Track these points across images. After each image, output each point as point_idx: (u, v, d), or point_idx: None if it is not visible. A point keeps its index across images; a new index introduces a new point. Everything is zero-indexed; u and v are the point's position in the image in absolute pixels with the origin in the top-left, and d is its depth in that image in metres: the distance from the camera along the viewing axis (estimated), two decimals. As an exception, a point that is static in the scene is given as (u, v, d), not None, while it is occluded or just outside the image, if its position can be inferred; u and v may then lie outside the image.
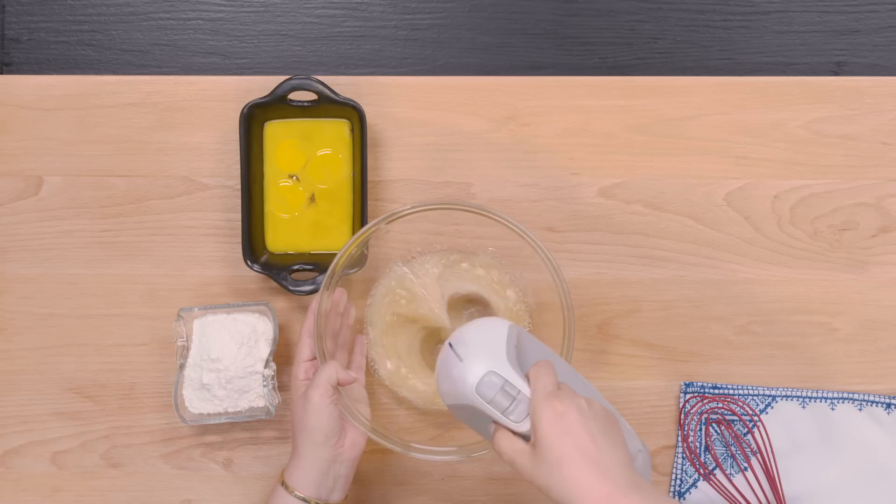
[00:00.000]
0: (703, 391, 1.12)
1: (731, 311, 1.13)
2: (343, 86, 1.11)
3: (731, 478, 1.11)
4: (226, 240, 1.14)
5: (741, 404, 1.12)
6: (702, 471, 1.11)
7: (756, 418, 1.11)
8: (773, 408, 1.12)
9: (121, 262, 1.14)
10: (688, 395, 1.12)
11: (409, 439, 1.01)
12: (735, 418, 1.12)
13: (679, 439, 1.12)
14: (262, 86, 1.11)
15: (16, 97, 1.15)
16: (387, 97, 1.14)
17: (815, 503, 1.10)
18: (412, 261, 1.11)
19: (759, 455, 1.11)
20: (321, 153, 1.12)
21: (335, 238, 1.12)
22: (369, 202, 1.12)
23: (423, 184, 1.14)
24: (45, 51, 1.19)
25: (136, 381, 1.13)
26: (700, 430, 1.12)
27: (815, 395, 1.12)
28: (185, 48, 1.19)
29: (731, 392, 1.12)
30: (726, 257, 1.13)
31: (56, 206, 1.14)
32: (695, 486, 1.12)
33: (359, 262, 1.07)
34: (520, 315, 1.10)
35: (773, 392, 1.12)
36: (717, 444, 1.11)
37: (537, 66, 1.19)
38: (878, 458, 1.11)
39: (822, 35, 1.19)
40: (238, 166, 1.11)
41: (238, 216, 1.12)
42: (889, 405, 1.11)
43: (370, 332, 1.11)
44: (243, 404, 1.08)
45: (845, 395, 1.11)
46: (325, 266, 1.02)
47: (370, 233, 1.03)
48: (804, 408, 1.12)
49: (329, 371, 0.98)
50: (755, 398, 1.12)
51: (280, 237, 1.12)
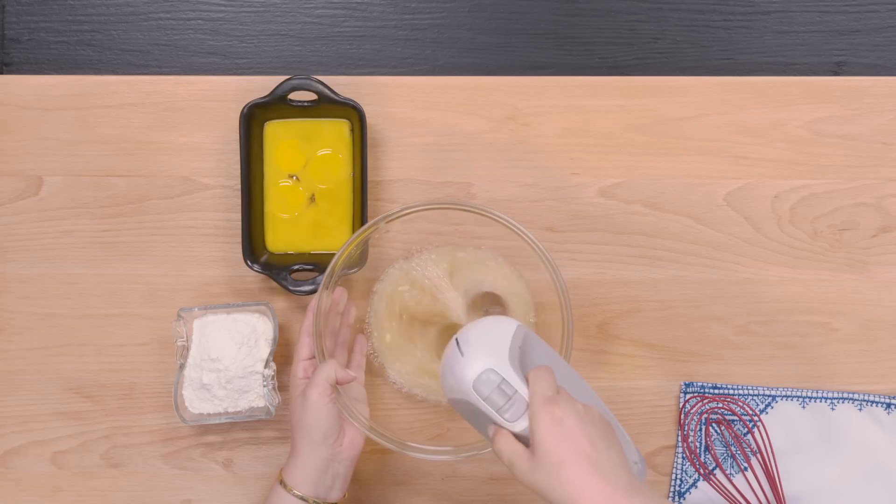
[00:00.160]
0: (703, 391, 1.12)
1: (731, 311, 1.13)
2: (343, 86, 1.11)
3: (731, 478, 1.11)
4: (226, 240, 1.14)
5: (741, 404, 1.11)
6: (702, 471, 1.11)
7: (756, 418, 1.11)
8: (773, 408, 1.12)
9: (121, 262, 1.14)
10: (688, 395, 1.12)
11: (409, 439, 1.01)
12: (735, 418, 1.11)
13: (679, 439, 1.12)
14: (262, 86, 1.11)
15: (16, 97, 1.15)
16: (387, 97, 1.14)
17: (815, 503, 1.10)
18: (414, 257, 1.11)
19: (759, 455, 1.11)
20: (321, 153, 1.12)
21: (335, 238, 1.12)
22: (369, 202, 1.12)
23: (423, 184, 1.14)
24: (45, 51, 1.19)
25: (136, 381, 1.13)
26: (700, 430, 1.11)
27: (815, 395, 1.12)
28: (185, 48, 1.19)
29: (731, 392, 1.12)
30: (726, 257, 1.13)
31: (56, 206, 1.14)
32: (695, 486, 1.12)
33: (359, 262, 1.07)
34: (528, 308, 1.10)
35: (773, 392, 1.12)
36: (717, 444, 1.11)
37: (537, 66, 1.19)
38: (878, 458, 1.10)
39: (822, 35, 1.18)
40: (238, 166, 1.11)
41: (238, 216, 1.12)
42: (889, 405, 1.11)
43: (374, 333, 1.11)
44: (243, 404, 1.08)
45: (845, 395, 1.11)
46: (325, 266, 1.02)
47: (369, 232, 1.03)
48: (804, 408, 1.12)
49: (327, 370, 0.98)
50: (755, 398, 1.12)
51: (280, 237, 1.12)
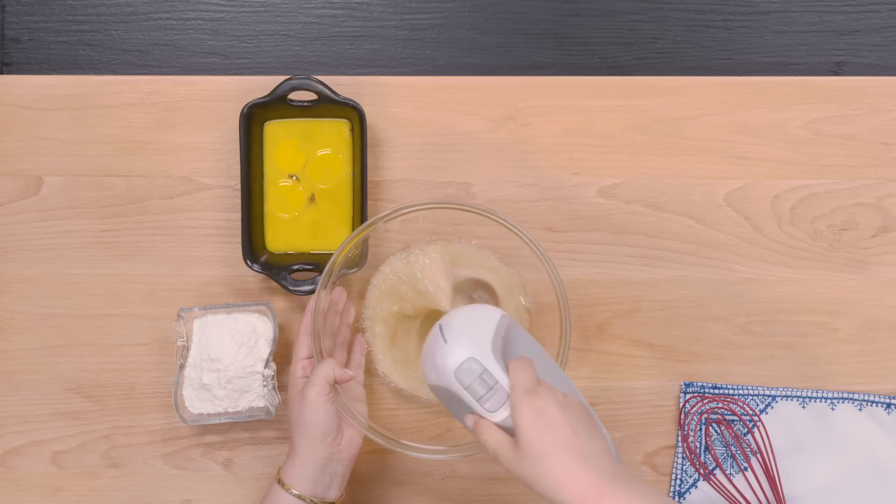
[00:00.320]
0: (703, 391, 1.12)
1: (731, 311, 1.13)
2: (343, 86, 1.11)
3: (731, 478, 1.11)
4: (226, 240, 1.14)
5: (741, 404, 1.11)
6: (702, 471, 1.11)
7: (756, 418, 1.11)
8: (773, 408, 1.12)
9: (121, 262, 1.14)
10: (688, 395, 1.12)
11: (408, 439, 1.01)
12: (735, 418, 1.11)
13: (679, 439, 1.12)
14: (262, 86, 1.11)
15: (16, 97, 1.15)
16: (387, 97, 1.14)
17: (815, 503, 1.10)
18: (409, 249, 1.11)
19: (759, 455, 1.11)
20: (321, 153, 1.12)
21: (335, 238, 1.12)
22: (369, 202, 1.12)
23: (423, 184, 1.14)
24: (45, 51, 1.19)
25: (136, 381, 1.13)
26: (700, 430, 1.11)
27: (815, 395, 1.12)
28: (185, 48, 1.19)
29: (731, 392, 1.12)
30: (726, 257, 1.13)
31: (56, 206, 1.14)
32: (695, 486, 1.12)
33: (358, 262, 1.07)
34: (519, 305, 1.09)
35: (773, 392, 1.12)
36: (717, 444, 1.11)
37: (537, 66, 1.19)
38: (878, 458, 1.10)
39: (822, 35, 1.18)
40: (238, 166, 1.11)
41: (238, 216, 1.12)
42: (889, 405, 1.11)
43: (367, 325, 1.11)
44: (243, 404, 1.08)
45: (845, 395, 1.11)
46: (324, 266, 1.02)
47: (368, 232, 1.03)
48: (804, 408, 1.12)
49: (326, 369, 0.98)
50: (755, 398, 1.12)
51: (280, 237, 1.12)
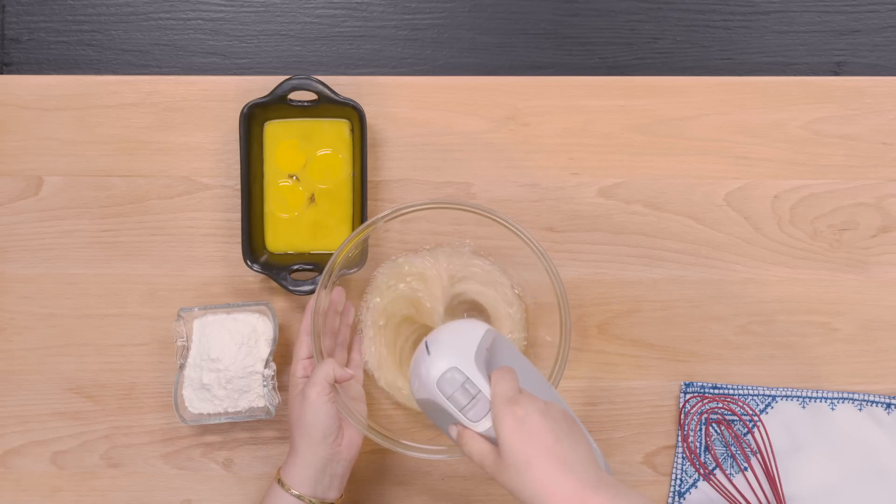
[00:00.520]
0: (703, 391, 1.12)
1: (731, 311, 1.13)
2: (343, 86, 1.11)
3: (731, 478, 1.11)
4: (226, 240, 1.14)
5: (741, 404, 1.11)
6: (702, 471, 1.11)
7: (756, 418, 1.11)
8: (773, 408, 1.12)
9: (121, 262, 1.14)
10: (688, 395, 1.12)
11: (408, 439, 1.01)
12: (735, 418, 1.11)
13: (679, 439, 1.12)
14: (262, 86, 1.11)
15: (16, 97, 1.15)
16: (387, 97, 1.14)
17: (814, 503, 1.10)
18: (419, 253, 1.11)
19: (759, 455, 1.11)
20: (321, 153, 1.12)
21: (335, 238, 1.12)
22: (369, 202, 1.12)
23: (423, 184, 1.14)
24: (45, 51, 1.19)
25: (136, 381, 1.13)
26: (700, 430, 1.11)
27: (815, 395, 1.12)
28: (185, 48, 1.19)
29: (731, 392, 1.12)
30: (726, 257, 1.13)
31: (56, 206, 1.14)
32: (695, 486, 1.12)
33: (358, 262, 1.07)
34: (517, 328, 1.10)
35: (773, 392, 1.12)
36: (717, 444, 1.11)
37: (537, 66, 1.18)
38: (878, 458, 1.10)
39: (822, 35, 1.18)
40: (238, 166, 1.11)
41: (238, 216, 1.12)
42: (889, 405, 1.11)
43: (364, 329, 1.11)
44: (243, 404, 1.08)
45: (845, 395, 1.11)
46: (324, 266, 1.02)
47: (367, 232, 1.03)
48: (804, 408, 1.12)
49: (326, 368, 0.98)
50: (755, 398, 1.12)
51: (280, 237, 1.12)
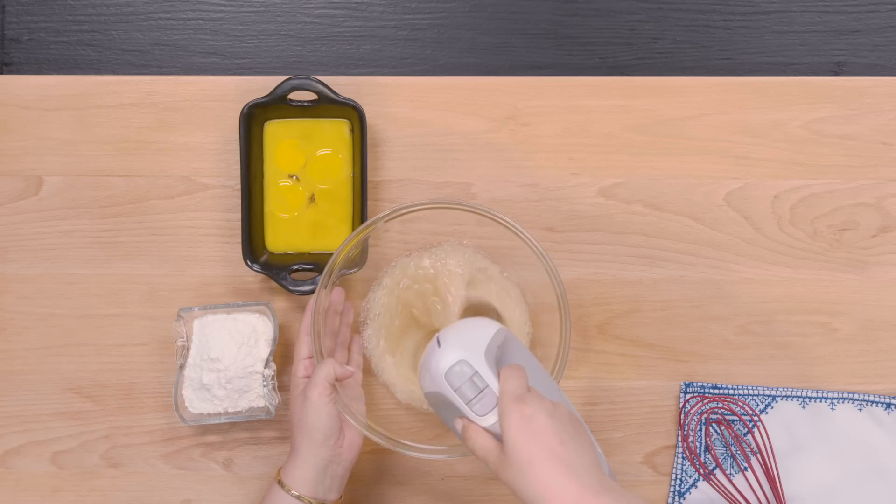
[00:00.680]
0: (703, 391, 1.12)
1: (731, 311, 1.13)
2: (343, 86, 1.11)
3: (731, 478, 1.11)
4: (226, 240, 1.14)
5: (741, 404, 1.11)
6: (702, 471, 1.11)
7: (756, 418, 1.11)
8: (773, 408, 1.12)
9: (121, 262, 1.14)
10: (688, 395, 1.12)
11: (408, 439, 1.01)
12: (735, 418, 1.11)
13: (679, 439, 1.12)
14: (262, 86, 1.11)
15: (16, 97, 1.15)
16: (387, 97, 1.14)
17: (814, 503, 1.10)
18: (415, 255, 1.10)
19: (759, 455, 1.11)
20: (321, 153, 1.12)
21: (335, 238, 1.12)
22: (369, 202, 1.12)
23: (423, 184, 1.14)
24: (45, 51, 1.19)
25: (136, 381, 1.13)
26: (700, 430, 1.11)
27: (815, 395, 1.12)
28: (185, 48, 1.19)
29: (731, 392, 1.12)
30: (726, 257, 1.13)
31: (56, 206, 1.14)
32: (695, 486, 1.12)
33: (358, 262, 1.07)
34: (522, 329, 1.10)
35: (773, 392, 1.12)
36: (717, 444, 1.11)
37: (537, 66, 1.18)
38: (878, 458, 1.10)
39: (822, 35, 1.18)
40: (238, 166, 1.11)
41: (238, 216, 1.12)
42: (889, 405, 1.11)
43: (370, 333, 1.10)
44: (243, 404, 1.08)
45: (845, 395, 1.11)
46: (324, 266, 1.02)
47: (367, 232, 1.03)
48: (804, 408, 1.12)
49: (326, 368, 0.98)
50: (755, 398, 1.12)
51: (280, 237, 1.12)
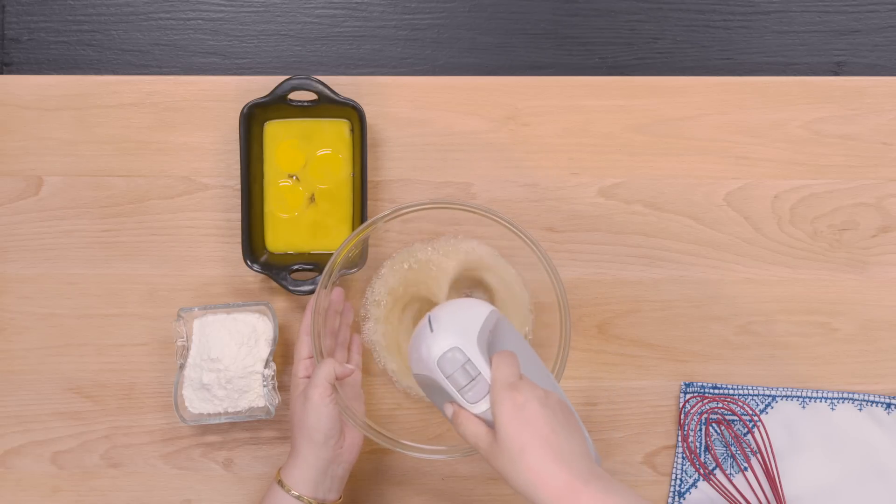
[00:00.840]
0: (703, 391, 1.12)
1: (731, 311, 1.13)
2: (343, 86, 1.11)
3: (731, 478, 1.11)
4: (226, 240, 1.14)
5: (741, 404, 1.11)
6: (702, 471, 1.11)
7: (756, 418, 1.11)
8: (773, 408, 1.12)
9: (121, 262, 1.14)
10: (688, 395, 1.12)
11: (408, 439, 1.01)
12: (735, 418, 1.11)
13: (679, 439, 1.12)
14: (262, 86, 1.11)
15: (16, 97, 1.15)
16: (387, 97, 1.14)
17: (814, 503, 1.10)
18: (439, 238, 1.11)
19: (759, 455, 1.11)
20: (321, 153, 1.12)
21: (335, 238, 1.12)
22: (369, 202, 1.12)
23: (423, 184, 1.14)
24: (45, 51, 1.19)
25: (136, 381, 1.13)
26: (700, 430, 1.11)
27: (815, 395, 1.12)
28: (185, 48, 1.19)
29: (731, 392, 1.12)
30: (726, 257, 1.13)
31: (56, 206, 1.14)
32: (695, 486, 1.12)
33: (358, 262, 1.07)
34: (525, 313, 1.10)
35: (773, 392, 1.12)
36: (717, 444, 1.11)
37: (537, 66, 1.18)
38: (878, 458, 1.11)
39: (822, 35, 1.18)
40: (238, 166, 1.11)
41: (238, 216, 1.12)
42: (889, 405, 1.11)
43: (371, 324, 1.10)
44: (243, 404, 1.08)
45: (845, 395, 1.11)
46: (324, 266, 1.02)
47: (367, 232, 1.03)
48: (804, 408, 1.12)
49: (327, 368, 0.98)
50: (755, 398, 1.12)
51: (280, 237, 1.12)
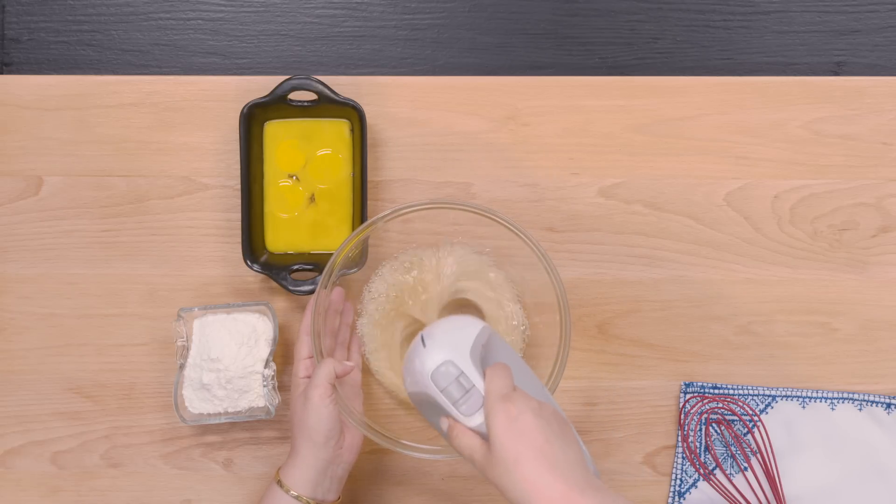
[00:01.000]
0: (703, 391, 1.12)
1: (731, 311, 1.13)
2: (343, 86, 1.11)
3: (731, 478, 1.11)
4: (226, 240, 1.14)
5: (741, 404, 1.11)
6: (702, 471, 1.11)
7: (756, 418, 1.11)
8: (773, 408, 1.12)
9: (121, 262, 1.14)
10: (688, 395, 1.12)
11: (408, 439, 1.01)
12: (735, 418, 1.11)
13: (679, 439, 1.12)
14: (262, 86, 1.11)
15: (16, 97, 1.15)
16: (387, 97, 1.14)
17: (814, 503, 1.10)
18: (426, 249, 1.11)
19: (759, 455, 1.11)
20: (321, 153, 1.12)
21: (335, 238, 1.12)
22: (369, 202, 1.12)
23: (423, 184, 1.14)
24: (45, 51, 1.19)
25: (136, 381, 1.13)
26: (700, 430, 1.11)
27: (815, 395, 1.12)
28: (185, 48, 1.19)
29: (731, 392, 1.12)
30: (726, 257, 1.13)
31: (56, 206, 1.14)
32: (695, 486, 1.12)
33: (358, 262, 1.07)
34: (515, 337, 1.10)
35: (773, 392, 1.12)
36: (717, 444, 1.11)
37: (537, 66, 1.18)
38: (878, 458, 1.11)
39: (822, 35, 1.18)
40: (238, 166, 1.11)
41: (238, 216, 1.12)
42: (889, 405, 1.11)
43: (364, 330, 1.11)
44: (243, 404, 1.08)
45: (845, 395, 1.11)
46: (324, 266, 1.02)
47: (367, 232, 1.03)
48: (804, 408, 1.12)
49: (327, 367, 0.98)
50: (755, 398, 1.12)
51: (280, 237, 1.12)
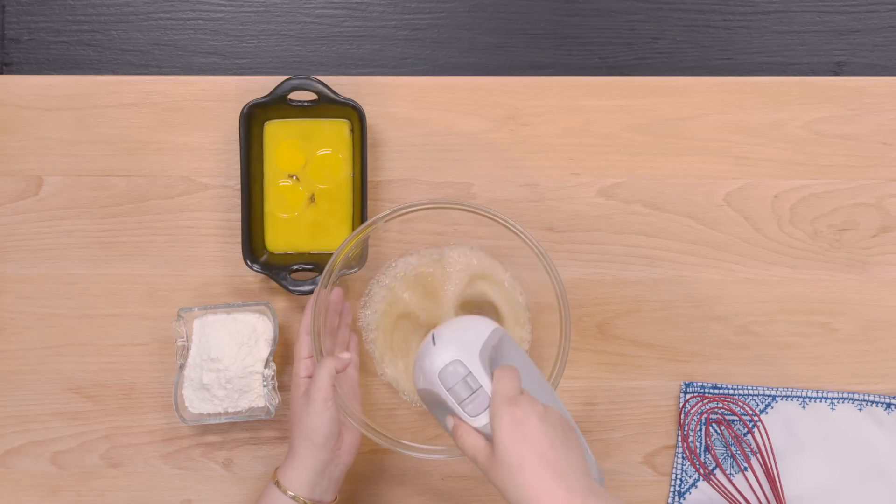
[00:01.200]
0: (703, 391, 1.12)
1: (730, 311, 1.13)
2: (343, 86, 1.11)
3: (731, 478, 1.11)
4: (226, 240, 1.14)
5: (741, 404, 1.11)
6: (702, 471, 1.11)
7: (756, 418, 1.11)
8: (773, 408, 1.12)
9: (121, 262, 1.14)
10: (688, 395, 1.12)
11: (407, 438, 1.01)
12: (735, 418, 1.11)
13: (679, 439, 1.12)
14: (262, 86, 1.11)
15: (16, 97, 1.15)
16: (387, 97, 1.14)
17: (814, 503, 1.10)
18: (415, 254, 1.11)
19: (759, 455, 1.11)
20: (321, 153, 1.12)
21: (335, 238, 1.12)
22: (369, 202, 1.12)
23: (423, 184, 1.14)
24: (45, 51, 1.19)
25: (136, 381, 1.13)
26: (700, 430, 1.11)
27: (815, 395, 1.12)
28: (185, 48, 1.19)
29: (731, 392, 1.12)
30: (726, 257, 1.13)
31: (56, 206, 1.14)
32: (695, 486, 1.12)
33: (358, 262, 1.07)
34: (523, 335, 1.10)
35: (773, 392, 1.12)
36: (717, 444, 1.11)
37: (537, 66, 1.18)
38: (878, 458, 1.11)
39: (822, 35, 1.18)
40: (238, 166, 1.11)
41: (238, 216, 1.12)
42: (889, 405, 1.11)
43: (371, 330, 1.11)
44: (243, 404, 1.08)
45: (845, 395, 1.11)
46: (324, 266, 1.02)
47: (367, 232, 1.03)
48: (804, 408, 1.12)
49: (328, 367, 0.98)
50: (755, 398, 1.12)
51: (280, 237, 1.12)
